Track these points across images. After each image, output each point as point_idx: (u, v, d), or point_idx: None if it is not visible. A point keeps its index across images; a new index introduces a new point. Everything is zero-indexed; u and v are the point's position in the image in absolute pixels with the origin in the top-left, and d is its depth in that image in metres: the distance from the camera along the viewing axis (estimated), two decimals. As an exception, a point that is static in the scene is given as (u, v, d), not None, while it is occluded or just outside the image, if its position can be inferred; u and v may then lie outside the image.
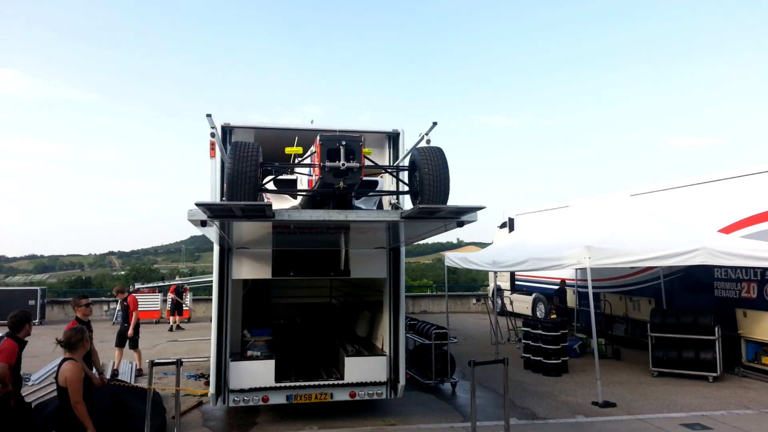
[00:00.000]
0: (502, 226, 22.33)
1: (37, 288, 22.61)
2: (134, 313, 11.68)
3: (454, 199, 5.64)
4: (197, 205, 4.85)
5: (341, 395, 8.29)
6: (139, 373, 11.32)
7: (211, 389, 7.80)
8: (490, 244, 20.51)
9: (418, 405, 9.42)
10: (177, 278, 24.04)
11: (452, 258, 15.30)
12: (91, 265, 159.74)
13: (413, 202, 5.86)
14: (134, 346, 11.90)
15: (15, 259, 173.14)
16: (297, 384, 8.18)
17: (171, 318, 20.07)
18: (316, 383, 8.26)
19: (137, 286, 23.86)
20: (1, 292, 22.71)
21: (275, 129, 8.23)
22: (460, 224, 5.84)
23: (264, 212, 5.03)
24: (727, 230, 11.73)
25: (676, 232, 10.85)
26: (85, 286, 51.21)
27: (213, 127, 6.48)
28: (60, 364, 5.18)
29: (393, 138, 8.46)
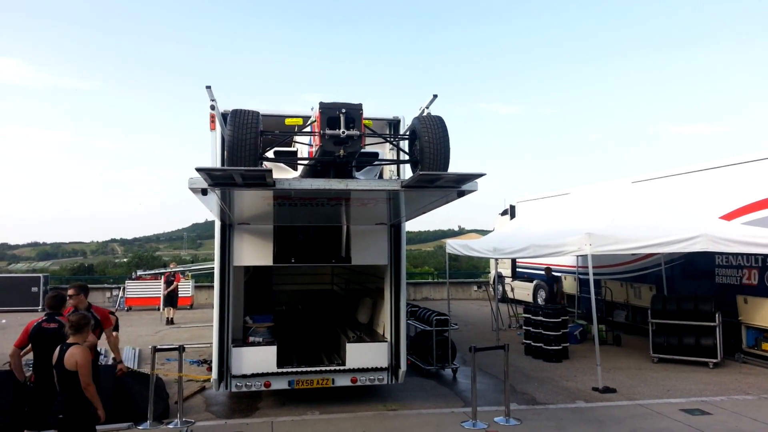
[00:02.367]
0: (504, 213, 22.32)
1: (40, 275, 22.61)
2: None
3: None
4: (197, 170, 4.82)
5: (343, 381, 8.34)
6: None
7: (214, 374, 7.85)
8: (491, 231, 20.53)
9: (420, 390, 9.48)
10: (171, 266, 22.90)
11: (453, 245, 15.32)
12: (93, 253, 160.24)
13: (413, 172, 5.84)
14: None
15: (18, 246, 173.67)
16: (299, 369, 8.23)
17: (165, 310, 18.36)
18: (318, 369, 8.31)
19: (139, 273, 23.93)
20: (4, 279, 22.79)
21: (275, 116, 8.21)
22: (461, 194, 5.80)
23: (264, 179, 5.02)
24: (729, 217, 11.71)
25: (677, 219, 10.83)
26: (88, 273, 51.39)
27: (213, 100, 6.48)
28: (63, 350, 5.17)
29: (394, 125, 8.43)
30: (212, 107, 6.97)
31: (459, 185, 5.54)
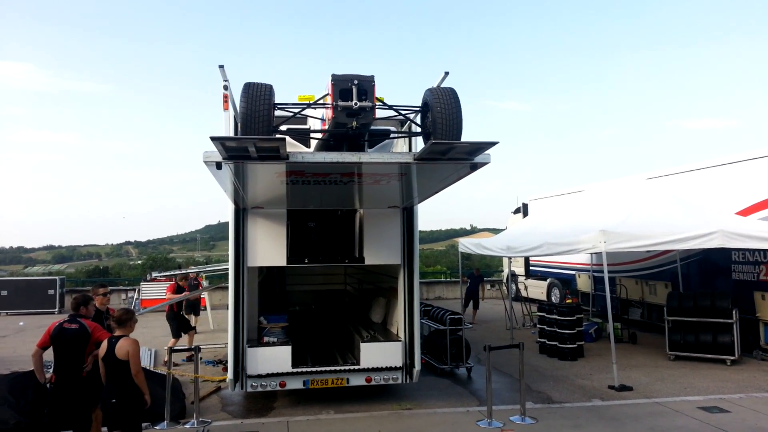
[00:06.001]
0: (516, 211, 22.25)
1: (56, 278, 22.87)
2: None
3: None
4: (212, 139, 4.83)
5: (357, 380, 8.36)
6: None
7: (229, 375, 7.91)
8: (503, 230, 20.45)
9: (434, 389, 9.48)
10: (179, 268, 22.96)
11: (466, 244, 15.29)
12: (108, 255, 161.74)
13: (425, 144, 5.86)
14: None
15: (33, 249, 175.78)
16: (313, 369, 8.26)
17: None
18: (333, 368, 8.33)
19: (154, 274, 24.07)
20: (21, 282, 23.09)
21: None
22: (473, 167, 5.78)
23: (278, 151, 5.05)
24: (745, 212, 11.58)
25: (693, 215, 10.72)
26: (103, 275, 51.80)
27: (226, 80, 6.52)
28: (113, 342, 5.45)
29: (402, 124, 8.43)
30: (225, 87, 7.07)
31: (472, 157, 5.51)
